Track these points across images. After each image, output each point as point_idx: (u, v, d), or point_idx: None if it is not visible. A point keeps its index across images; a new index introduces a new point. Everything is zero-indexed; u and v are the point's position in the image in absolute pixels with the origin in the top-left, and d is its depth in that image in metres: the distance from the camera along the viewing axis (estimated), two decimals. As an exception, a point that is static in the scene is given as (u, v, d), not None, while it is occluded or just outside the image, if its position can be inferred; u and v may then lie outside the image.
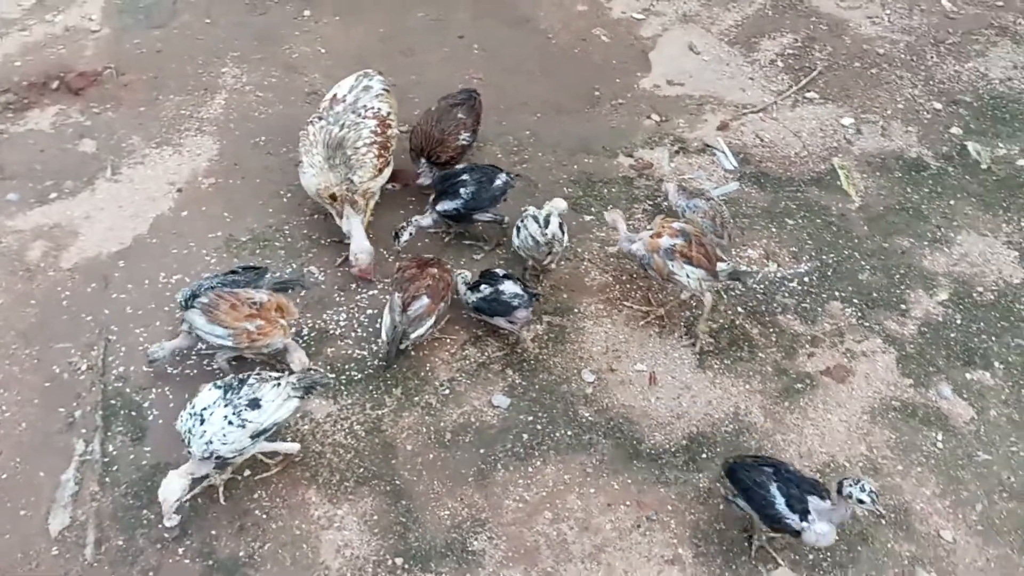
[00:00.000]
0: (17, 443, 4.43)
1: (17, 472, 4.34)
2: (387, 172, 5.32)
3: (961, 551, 4.37)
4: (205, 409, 4.07)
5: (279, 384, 4.18)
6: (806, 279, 5.44)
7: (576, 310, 5.20)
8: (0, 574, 4.01)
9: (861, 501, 3.84)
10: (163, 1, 6.80)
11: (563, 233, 5.10)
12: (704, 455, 4.62)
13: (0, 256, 5.16)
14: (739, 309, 5.25)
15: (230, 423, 4.04)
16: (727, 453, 4.59)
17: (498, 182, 5.34)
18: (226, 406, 4.07)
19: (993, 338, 5.22)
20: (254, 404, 4.09)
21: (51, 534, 4.14)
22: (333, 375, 4.72)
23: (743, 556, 4.27)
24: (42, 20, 6.59)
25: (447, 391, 4.80)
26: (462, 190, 5.24)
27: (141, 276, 5.13)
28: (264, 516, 4.28)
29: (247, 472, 4.39)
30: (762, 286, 5.39)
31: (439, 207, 5.26)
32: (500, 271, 4.98)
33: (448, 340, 5.00)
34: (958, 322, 5.30)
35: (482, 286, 4.87)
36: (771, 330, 5.18)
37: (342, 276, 5.24)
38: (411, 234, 5.22)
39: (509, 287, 4.83)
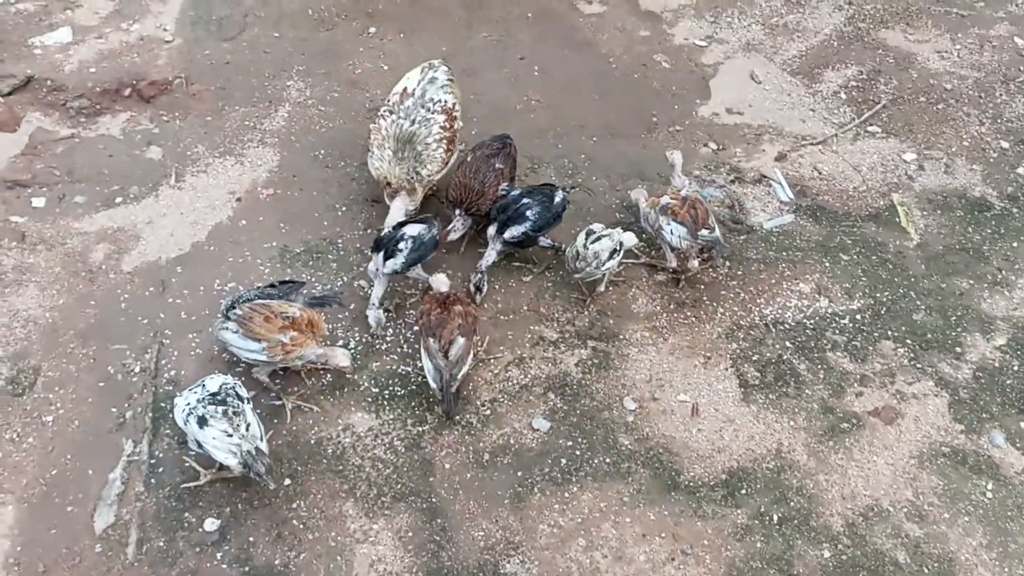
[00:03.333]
0: (70, 440, 4.56)
1: (67, 468, 4.46)
2: (452, 162, 5.57)
3: (1006, 606, 4.25)
4: (199, 387, 4.29)
5: (230, 436, 4.16)
6: (858, 316, 5.35)
7: (621, 336, 5.18)
8: (45, 569, 4.14)
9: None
10: (234, 14, 6.97)
11: (607, 260, 5.08)
12: (743, 491, 4.57)
13: (64, 257, 5.33)
14: (787, 344, 5.19)
15: (179, 414, 4.26)
16: (767, 490, 4.54)
17: (557, 199, 5.36)
18: (197, 402, 4.23)
19: (1052, 387, 5.08)
20: (201, 421, 4.18)
21: (96, 531, 4.26)
22: (268, 477, 4.28)
23: (778, 597, 4.22)
24: (118, 28, 6.80)
25: (488, 411, 4.82)
26: (528, 212, 5.24)
27: (197, 282, 5.26)
28: (301, 526, 4.35)
29: (287, 481, 4.47)
30: (812, 322, 5.31)
31: (507, 235, 5.24)
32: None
33: (492, 361, 5.02)
34: (1015, 368, 5.16)
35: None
36: (819, 367, 5.10)
37: (391, 292, 5.30)
38: (486, 282, 5.27)
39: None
